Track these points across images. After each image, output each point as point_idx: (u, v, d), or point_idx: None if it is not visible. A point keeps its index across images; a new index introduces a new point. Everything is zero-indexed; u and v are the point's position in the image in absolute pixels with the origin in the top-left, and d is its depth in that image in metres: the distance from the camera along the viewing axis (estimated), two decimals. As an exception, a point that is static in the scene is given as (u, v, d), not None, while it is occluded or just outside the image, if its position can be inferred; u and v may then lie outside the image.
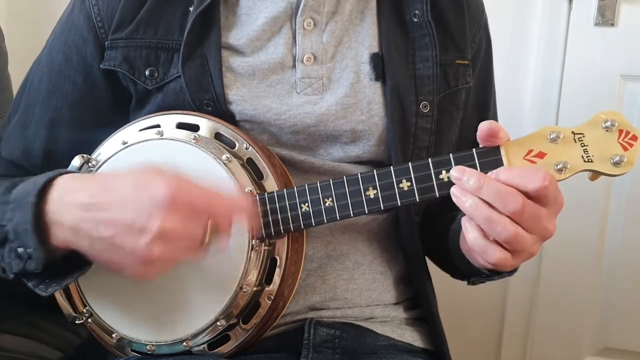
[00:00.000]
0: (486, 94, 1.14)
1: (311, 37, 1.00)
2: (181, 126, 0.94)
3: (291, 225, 0.89)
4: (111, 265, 0.82)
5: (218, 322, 0.89)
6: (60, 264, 0.86)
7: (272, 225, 0.89)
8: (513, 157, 0.82)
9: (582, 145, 0.82)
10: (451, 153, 0.84)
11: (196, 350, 0.92)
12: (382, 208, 0.87)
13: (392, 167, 0.86)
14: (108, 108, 1.03)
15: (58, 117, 1.03)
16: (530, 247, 0.81)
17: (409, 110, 1.00)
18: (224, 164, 0.90)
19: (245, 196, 0.87)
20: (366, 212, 0.88)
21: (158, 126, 0.95)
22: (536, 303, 2.08)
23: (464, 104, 1.07)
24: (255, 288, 0.89)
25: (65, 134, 1.03)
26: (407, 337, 1.05)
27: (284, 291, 0.92)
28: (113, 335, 0.94)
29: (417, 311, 1.10)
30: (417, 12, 1.01)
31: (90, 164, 0.94)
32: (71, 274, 0.88)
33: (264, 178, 0.91)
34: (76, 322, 0.96)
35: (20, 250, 0.84)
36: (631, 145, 0.81)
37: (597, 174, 0.83)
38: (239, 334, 0.92)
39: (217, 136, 0.94)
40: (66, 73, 1.02)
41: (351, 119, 0.99)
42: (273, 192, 0.90)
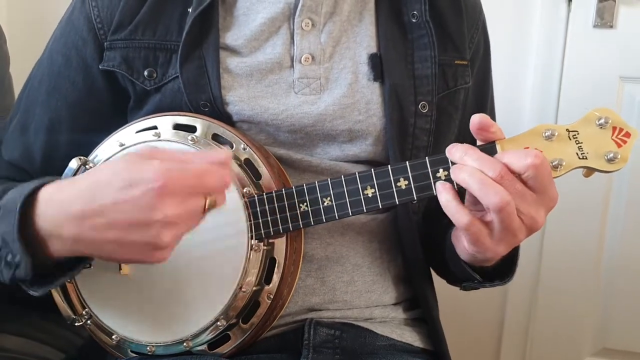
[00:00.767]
0: (484, 94, 1.15)
1: (309, 38, 1.01)
2: (178, 127, 0.96)
3: (290, 225, 0.90)
4: (128, 261, 0.85)
5: (218, 322, 0.91)
6: (52, 268, 0.87)
7: (271, 225, 0.91)
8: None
9: (577, 142, 0.84)
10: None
11: (196, 350, 0.93)
12: (380, 207, 0.88)
13: (390, 166, 0.87)
14: (107, 109, 1.04)
15: (57, 118, 1.05)
16: (514, 229, 0.82)
17: (408, 110, 1.01)
18: None
19: (219, 151, 0.87)
20: (365, 211, 0.89)
21: (155, 128, 0.96)
22: (535, 304, 2.10)
23: (463, 104, 1.08)
24: (254, 288, 0.90)
25: (64, 136, 1.05)
26: (407, 338, 1.06)
27: (283, 291, 0.93)
28: (113, 336, 0.95)
29: (417, 311, 1.11)
30: (416, 13, 1.03)
31: (87, 166, 0.95)
32: (65, 275, 0.88)
33: (262, 178, 0.92)
34: (75, 324, 0.97)
35: (9, 258, 0.84)
36: (624, 141, 0.83)
37: (592, 171, 0.84)
38: (239, 334, 0.93)
39: (214, 137, 0.95)
40: (66, 74, 1.04)
41: (349, 119, 1.00)
42: (272, 192, 0.91)
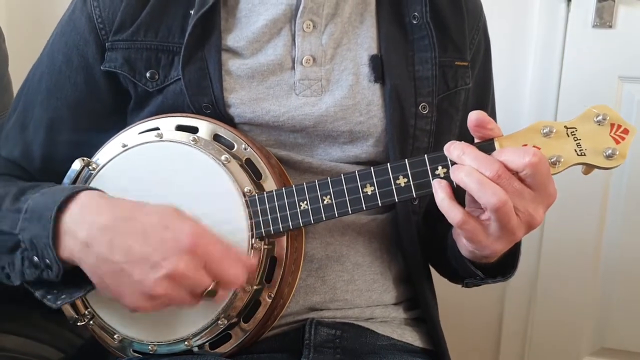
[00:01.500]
0: (485, 95, 1.16)
1: (310, 39, 1.02)
2: (180, 128, 0.97)
3: (290, 223, 0.92)
4: (108, 289, 0.86)
5: (219, 321, 0.92)
6: (72, 275, 0.88)
7: (272, 223, 0.92)
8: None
9: (575, 139, 0.85)
10: None
11: (197, 349, 0.95)
12: (380, 204, 0.89)
13: (389, 164, 0.89)
14: (107, 109, 1.06)
15: (57, 118, 1.06)
16: (512, 227, 0.83)
17: (408, 111, 1.02)
18: (223, 165, 0.93)
19: (252, 258, 0.91)
20: (364, 209, 0.90)
21: (157, 129, 0.98)
22: (534, 303, 2.11)
23: (464, 105, 1.09)
24: (255, 287, 0.92)
25: (64, 136, 1.06)
26: (407, 337, 1.07)
27: (284, 290, 0.95)
28: (115, 336, 0.97)
29: (417, 311, 1.12)
30: (417, 14, 1.04)
31: (90, 167, 0.97)
32: (82, 287, 0.90)
33: (263, 178, 0.94)
34: (78, 324, 0.98)
35: (36, 259, 0.86)
36: (623, 138, 0.84)
37: (591, 168, 0.85)
38: (240, 333, 0.94)
39: (216, 137, 0.97)
40: (67, 74, 1.04)
41: (350, 120, 1.01)
42: (272, 191, 0.92)
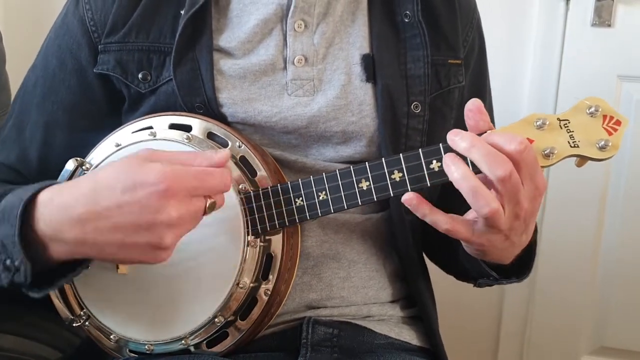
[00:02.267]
0: (481, 93, 1.16)
1: (302, 39, 1.03)
2: (174, 127, 0.98)
3: (286, 219, 0.93)
4: (129, 262, 0.88)
5: (216, 319, 0.93)
6: (51, 270, 0.88)
7: (267, 220, 0.93)
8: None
9: (568, 131, 0.86)
10: (441, 143, 0.87)
11: (194, 348, 0.95)
12: (375, 199, 0.90)
13: (384, 159, 0.89)
14: (103, 111, 1.07)
15: (53, 121, 1.07)
16: (499, 225, 0.83)
17: (400, 110, 1.03)
18: None
19: (220, 152, 0.89)
20: (360, 204, 0.91)
21: (151, 127, 0.98)
22: (533, 302, 2.13)
23: (458, 104, 1.10)
24: (252, 284, 0.93)
25: (60, 138, 1.07)
26: (405, 336, 1.08)
27: (281, 287, 0.96)
28: (111, 336, 0.97)
29: (414, 309, 1.13)
30: (408, 13, 1.04)
31: (84, 167, 0.98)
32: (64, 277, 0.90)
33: (258, 175, 0.95)
34: (74, 325, 0.99)
35: (8, 262, 0.86)
36: (615, 129, 0.85)
37: (584, 159, 0.86)
38: (237, 331, 0.95)
39: (210, 135, 0.98)
40: (61, 77, 1.06)
41: (342, 120, 1.02)
42: (267, 188, 0.93)
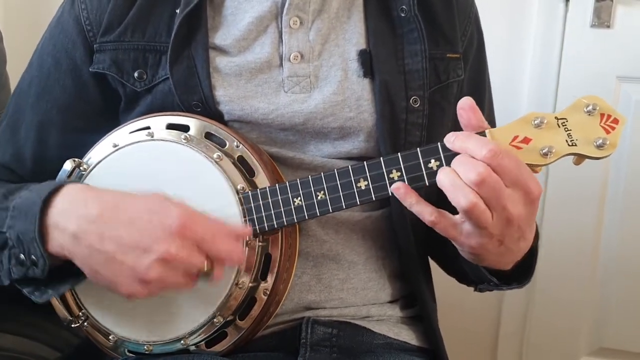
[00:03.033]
0: (480, 87, 1.17)
1: (297, 36, 1.04)
2: (171, 127, 0.99)
3: (284, 219, 0.93)
4: (102, 280, 0.88)
5: (215, 319, 0.94)
6: (58, 271, 0.91)
7: (266, 220, 0.93)
8: (499, 143, 0.85)
9: (566, 129, 0.86)
10: (439, 142, 0.87)
11: (193, 348, 0.96)
12: (374, 199, 0.91)
13: (382, 158, 0.90)
14: (98, 111, 1.07)
15: (48, 121, 1.07)
16: (488, 227, 0.83)
17: (399, 105, 1.03)
18: (216, 162, 0.94)
19: (241, 227, 0.92)
20: (358, 204, 0.91)
21: (148, 128, 0.99)
22: (532, 303, 2.13)
23: (456, 98, 1.08)
24: (250, 284, 0.94)
25: (55, 138, 1.08)
26: (404, 336, 1.09)
27: (279, 287, 0.96)
28: (110, 337, 0.98)
29: (414, 309, 1.13)
30: (405, 7, 1.05)
31: (81, 168, 0.99)
32: (68, 281, 0.92)
33: (256, 175, 0.95)
34: (72, 326, 1.00)
35: (22, 257, 0.88)
36: (613, 128, 0.85)
37: (582, 158, 0.87)
38: (236, 331, 0.96)
39: (208, 135, 0.98)
40: (56, 76, 1.06)
41: (339, 116, 1.02)
42: (265, 188, 0.94)
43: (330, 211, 0.93)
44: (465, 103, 0.86)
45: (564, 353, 2.15)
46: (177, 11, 1.02)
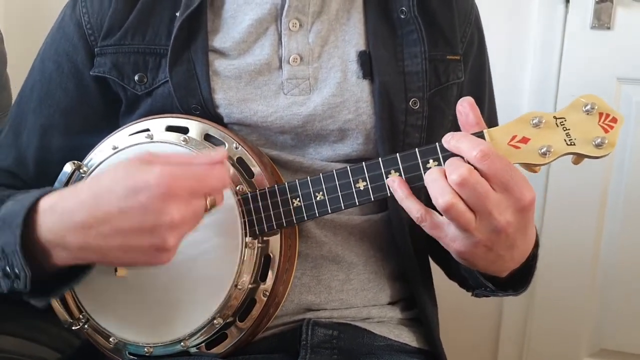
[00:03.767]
0: (481, 89, 1.17)
1: (297, 38, 1.04)
2: (171, 129, 1.00)
3: (284, 220, 0.94)
4: (131, 265, 0.91)
5: (215, 321, 0.94)
6: (51, 278, 0.90)
7: (265, 221, 0.94)
8: (497, 143, 0.86)
9: (564, 129, 0.86)
10: (437, 142, 0.88)
11: (194, 349, 0.97)
12: (373, 199, 0.91)
13: (381, 159, 0.90)
14: (99, 114, 1.08)
15: (50, 125, 1.08)
16: (471, 230, 0.82)
17: (398, 107, 1.03)
18: None
19: (217, 151, 0.91)
20: (357, 204, 0.92)
21: (148, 130, 1.00)
22: (533, 305, 2.14)
23: (456, 100, 1.05)
24: (250, 285, 0.94)
25: (57, 141, 1.09)
26: (404, 338, 1.09)
27: (279, 288, 0.97)
28: (110, 339, 0.99)
29: (414, 311, 1.14)
30: (404, 9, 1.05)
31: (81, 170, 1.00)
32: (66, 285, 0.92)
33: (255, 176, 0.96)
34: (73, 328, 1.00)
35: (7, 269, 0.87)
36: (611, 127, 0.86)
37: (580, 157, 0.87)
38: (236, 333, 0.96)
39: (207, 137, 0.99)
40: (57, 81, 1.08)
41: (338, 118, 1.03)
42: (264, 189, 0.95)
43: (329, 212, 0.93)
44: (464, 101, 0.87)
45: (565, 354, 2.16)
46: (177, 14, 1.03)
